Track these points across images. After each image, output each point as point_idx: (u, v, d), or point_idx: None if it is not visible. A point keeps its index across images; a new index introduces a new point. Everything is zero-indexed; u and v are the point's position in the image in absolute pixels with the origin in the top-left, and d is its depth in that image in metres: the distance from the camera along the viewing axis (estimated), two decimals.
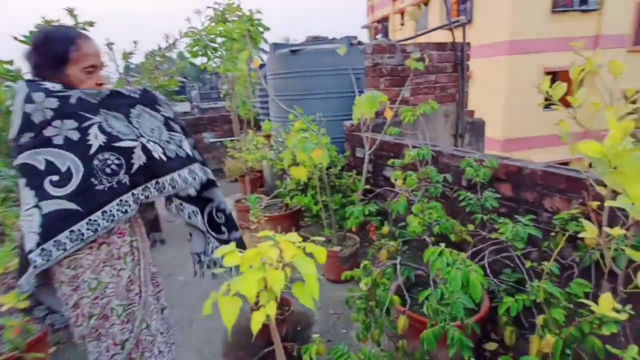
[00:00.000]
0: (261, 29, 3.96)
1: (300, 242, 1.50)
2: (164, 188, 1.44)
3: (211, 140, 7.37)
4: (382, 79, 3.90)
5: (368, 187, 3.45)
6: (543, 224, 2.10)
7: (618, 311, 1.25)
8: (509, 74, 14.00)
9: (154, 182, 1.42)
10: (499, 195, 2.05)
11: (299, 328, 2.64)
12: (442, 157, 2.61)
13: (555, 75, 16.64)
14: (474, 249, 1.93)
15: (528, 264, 1.57)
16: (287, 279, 1.45)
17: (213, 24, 3.87)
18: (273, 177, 5.51)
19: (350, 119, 4.02)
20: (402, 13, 19.64)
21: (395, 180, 2.53)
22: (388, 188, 3.35)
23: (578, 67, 1.56)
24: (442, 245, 2.10)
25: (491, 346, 2.17)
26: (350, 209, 2.78)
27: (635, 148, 1.05)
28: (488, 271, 1.79)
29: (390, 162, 2.82)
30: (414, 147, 2.56)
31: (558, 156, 16.35)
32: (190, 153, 1.60)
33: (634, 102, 1.44)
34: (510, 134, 14.40)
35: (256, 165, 4.48)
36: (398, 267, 2.01)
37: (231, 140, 6.04)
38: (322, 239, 1.33)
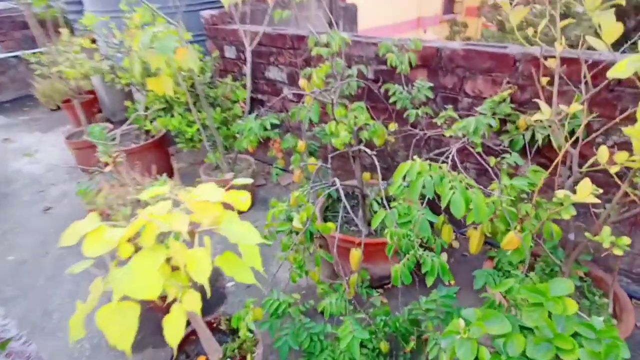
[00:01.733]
0: None
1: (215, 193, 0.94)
2: None
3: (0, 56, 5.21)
4: None
5: (252, 95, 2.82)
6: (463, 111, 1.93)
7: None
8: None
9: None
10: (431, 84, 1.76)
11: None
12: (353, 46, 2.12)
13: None
14: (413, 151, 1.65)
15: (492, 160, 1.38)
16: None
17: None
18: (114, 97, 4.25)
19: (207, 8, 3.12)
20: None
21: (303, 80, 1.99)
22: (284, 94, 2.80)
23: None
24: (370, 152, 1.78)
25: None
26: (241, 125, 2.18)
27: None
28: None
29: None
30: (317, 34, 2.00)
31: (424, 37, 17.56)
32: None
33: None
34: (368, 24, 14.59)
35: (86, 84, 3.26)
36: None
37: (34, 53, 4.29)
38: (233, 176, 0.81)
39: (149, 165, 2.78)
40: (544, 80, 1.39)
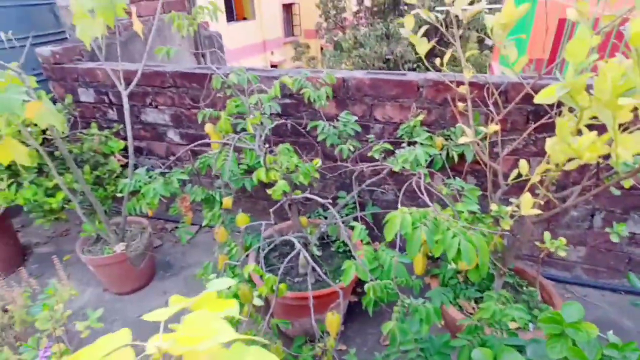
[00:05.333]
0: None
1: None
2: None
3: None
4: None
5: (125, 143, 2.35)
6: (376, 136, 1.97)
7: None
8: None
9: None
10: (356, 117, 1.72)
11: None
12: (260, 82, 1.94)
13: None
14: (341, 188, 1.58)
15: (443, 189, 1.38)
16: None
17: None
18: None
19: (33, 44, 2.53)
20: None
21: (204, 123, 1.72)
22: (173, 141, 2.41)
23: None
24: (299, 193, 1.65)
25: None
26: (128, 184, 1.77)
27: None
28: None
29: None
30: (216, 72, 1.75)
31: (263, 62, 17.83)
32: None
33: None
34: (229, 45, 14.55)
35: None
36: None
37: None
38: None
39: None
40: (461, 106, 1.50)
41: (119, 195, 2.25)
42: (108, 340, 0.66)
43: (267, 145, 1.42)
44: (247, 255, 1.72)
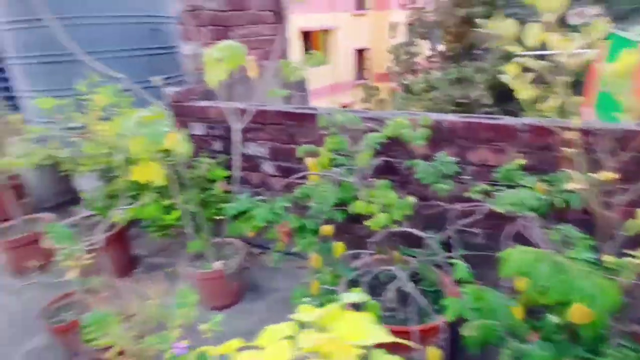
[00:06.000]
0: None
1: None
2: None
3: None
4: (204, 29, 2.95)
5: (228, 173, 2.63)
6: (470, 177, 1.99)
7: None
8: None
9: None
10: (454, 159, 1.79)
11: None
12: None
13: (307, 35, 18.42)
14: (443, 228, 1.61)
15: (555, 236, 1.38)
16: None
17: None
18: (45, 182, 3.67)
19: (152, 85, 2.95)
20: None
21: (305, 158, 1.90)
22: (267, 173, 2.65)
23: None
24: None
25: None
26: (233, 208, 1.97)
27: None
28: None
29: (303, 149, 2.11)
30: (325, 112, 1.96)
31: (341, 100, 18.59)
32: None
33: None
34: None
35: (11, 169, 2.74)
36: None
37: None
38: None
39: (111, 260, 2.37)
40: (568, 151, 1.50)
41: (218, 217, 2.50)
42: (274, 331, 0.78)
43: (370, 180, 1.53)
44: (341, 283, 1.80)
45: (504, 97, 12.13)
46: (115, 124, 1.79)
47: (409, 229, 1.52)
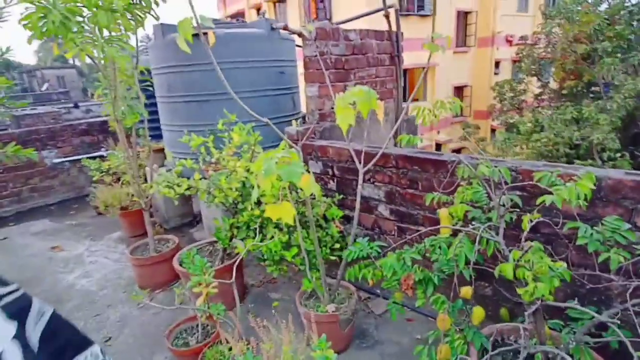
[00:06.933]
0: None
1: None
2: None
3: (55, 160, 5.26)
4: (328, 72, 3.08)
5: (342, 213, 2.63)
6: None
7: None
8: None
9: None
10: (627, 225, 1.53)
11: None
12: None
13: (406, 71, 18.54)
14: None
15: None
16: None
17: None
18: (171, 205, 4.11)
19: (276, 122, 3.11)
20: (258, 9, 18.82)
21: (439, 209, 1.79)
22: (382, 215, 2.60)
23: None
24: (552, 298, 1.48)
25: None
26: (352, 252, 1.92)
27: None
28: None
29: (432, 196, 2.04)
30: (462, 162, 1.85)
31: (428, 141, 18.13)
32: None
33: None
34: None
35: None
36: None
37: (96, 158, 4.29)
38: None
39: (227, 286, 2.48)
40: None
41: (333, 258, 2.49)
42: None
43: (525, 241, 1.35)
44: (471, 352, 1.61)
45: (636, 140, 10.57)
46: (258, 163, 1.90)
47: (562, 303, 1.29)
